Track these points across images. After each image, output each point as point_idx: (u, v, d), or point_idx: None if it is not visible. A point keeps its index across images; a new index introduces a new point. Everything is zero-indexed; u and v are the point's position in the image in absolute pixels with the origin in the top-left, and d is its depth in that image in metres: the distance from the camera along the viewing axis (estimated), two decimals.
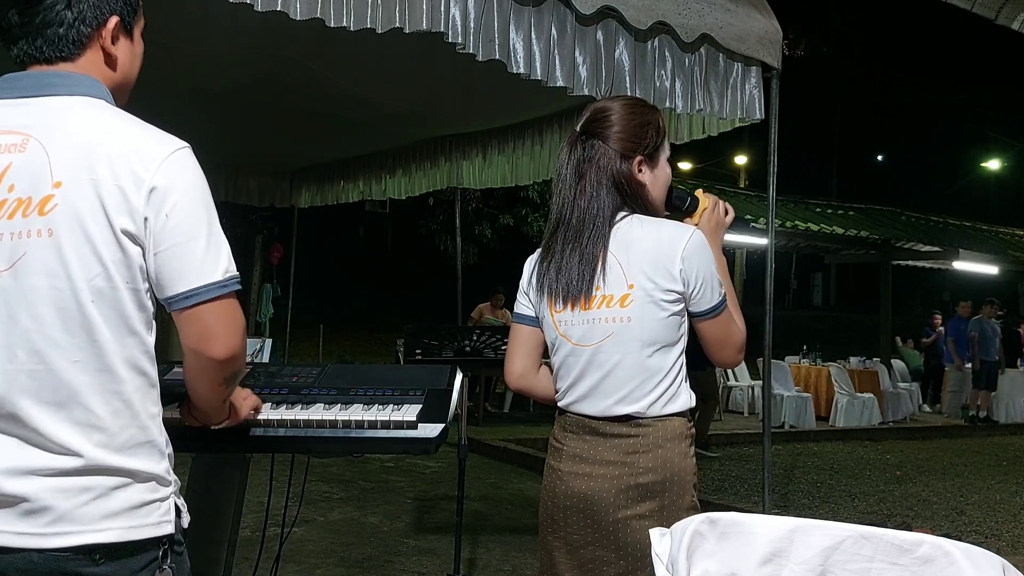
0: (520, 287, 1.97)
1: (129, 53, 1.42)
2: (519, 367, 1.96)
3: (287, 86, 4.86)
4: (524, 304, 1.95)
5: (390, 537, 4.90)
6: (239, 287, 1.35)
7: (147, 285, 1.31)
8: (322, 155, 7.10)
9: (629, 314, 1.78)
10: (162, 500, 1.31)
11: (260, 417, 1.75)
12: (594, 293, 1.80)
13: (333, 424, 1.76)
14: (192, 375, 1.39)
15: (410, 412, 1.79)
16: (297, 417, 1.76)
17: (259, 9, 2.66)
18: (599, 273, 1.80)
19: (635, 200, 1.85)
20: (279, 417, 1.76)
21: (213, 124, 5.37)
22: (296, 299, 8.93)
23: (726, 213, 2.01)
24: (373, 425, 1.76)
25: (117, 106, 1.38)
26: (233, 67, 4.55)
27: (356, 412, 1.79)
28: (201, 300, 1.30)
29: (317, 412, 1.78)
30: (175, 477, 1.37)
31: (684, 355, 1.85)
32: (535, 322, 1.93)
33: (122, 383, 1.28)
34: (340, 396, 1.88)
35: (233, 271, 1.34)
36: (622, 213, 1.83)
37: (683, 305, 1.81)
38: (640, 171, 1.86)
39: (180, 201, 1.28)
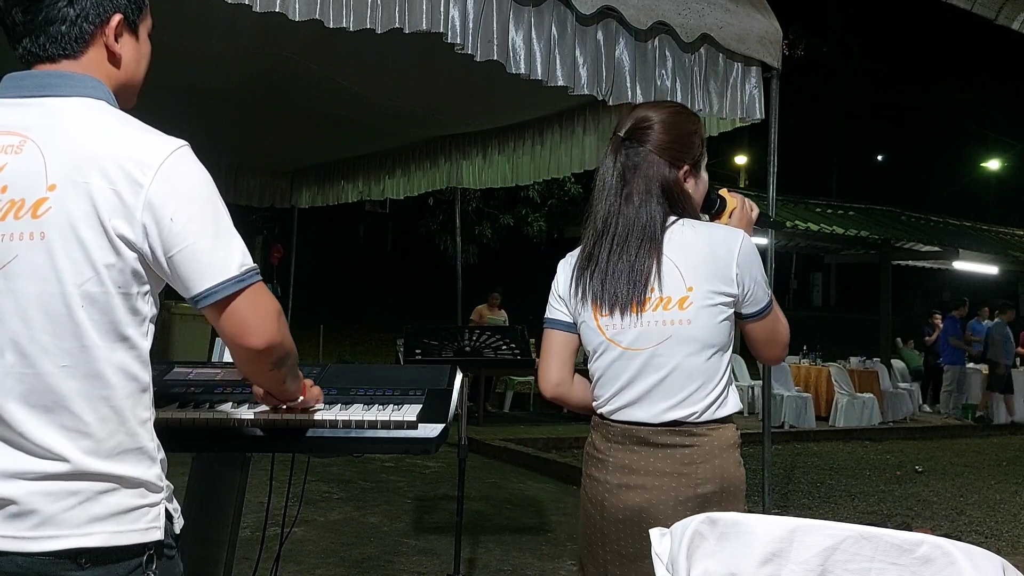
0: (553, 291, 1.92)
1: (135, 52, 1.41)
2: (556, 375, 1.92)
3: (287, 86, 4.86)
4: (559, 309, 1.91)
5: (390, 537, 4.90)
6: (259, 278, 1.34)
7: (146, 288, 1.29)
8: (322, 155, 7.11)
9: (689, 316, 1.76)
10: (152, 506, 1.30)
11: (260, 417, 1.75)
12: (649, 295, 1.77)
13: (333, 424, 1.76)
14: (241, 366, 1.41)
15: (410, 412, 1.78)
16: (297, 417, 1.76)
17: (258, 9, 2.66)
18: (653, 278, 1.77)
19: (683, 208, 1.84)
20: (279, 417, 1.76)
21: (213, 124, 5.38)
22: (296, 299, 8.94)
23: (751, 210, 2.02)
24: (373, 425, 1.76)
25: (123, 107, 1.37)
26: (233, 66, 4.55)
27: (356, 412, 1.78)
28: (222, 297, 1.29)
29: (317, 412, 1.78)
30: (167, 483, 1.36)
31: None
32: (571, 328, 1.89)
33: (111, 389, 1.26)
34: (340, 396, 1.88)
35: (249, 263, 1.32)
36: (671, 218, 1.82)
37: (734, 309, 1.81)
38: (687, 180, 1.86)
39: (181, 204, 1.27)
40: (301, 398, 1.63)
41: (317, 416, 1.77)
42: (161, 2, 1.57)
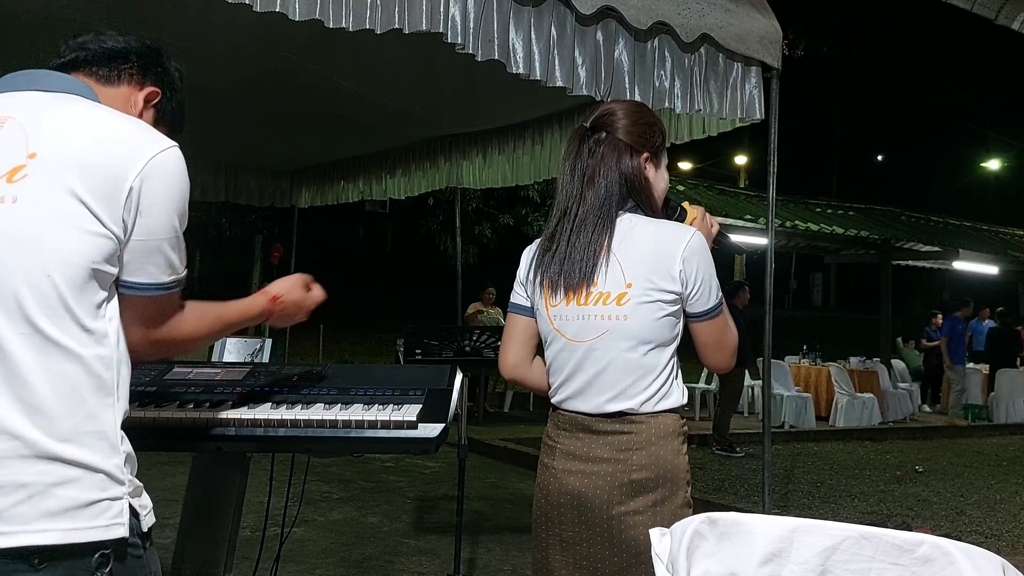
0: (517, 277, 1.97)
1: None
2: (513, 357, 1.97)
3: (287, 86, 4.86)
4: (520, 294, 1.96)
5: (390, 537, 4.90)
6: (181, 284, 1.38)
7: (115, 269, 1.27)
8: (322, 155, 7.10)
9: (625, 312, 1.79)
10: (113, 500, 1.22)
11: (260, 417, 1.75)
12: (591, 289, 1.81)
13: (333, 424, 1.76)
14: (132, 350, 1.34)
15: (410, 412, 1.79)
16: (297, 417, 1.76)
17: (258, 9, 2.66)
18: (600, 267, 1.81)
19: (641, 195, 1.87)
20: (279, 417, 1.76)
21: (213, 124, 5.37)
22: None
23: (711, 225, 2.03)
24: (373, 425, 1.76)
25: None
26: (233, 66, 4.55)
27: (356, 412, 1.79)
28: (147, 295, 1.31)
29: (317, 412, 1.78)
30: (131, 477, 1.28)
31: (677, 354, 1.86)
32: (530, 312, 1.94)
33: (72, 364, 1.21)
34: (340, 396, 1.88)
35: (180, 274, 1.36)
36: (626, 207, 1.85)
37: (679, 306, 1.82)
38: (646, 168, 1.89)
39: (157, 202, 1.28)
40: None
41: (317, 416, 1.77)
42: (161, 3, 1.58)
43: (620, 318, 1.79)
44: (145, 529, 1.29)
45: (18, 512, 1.15)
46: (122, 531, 1.22)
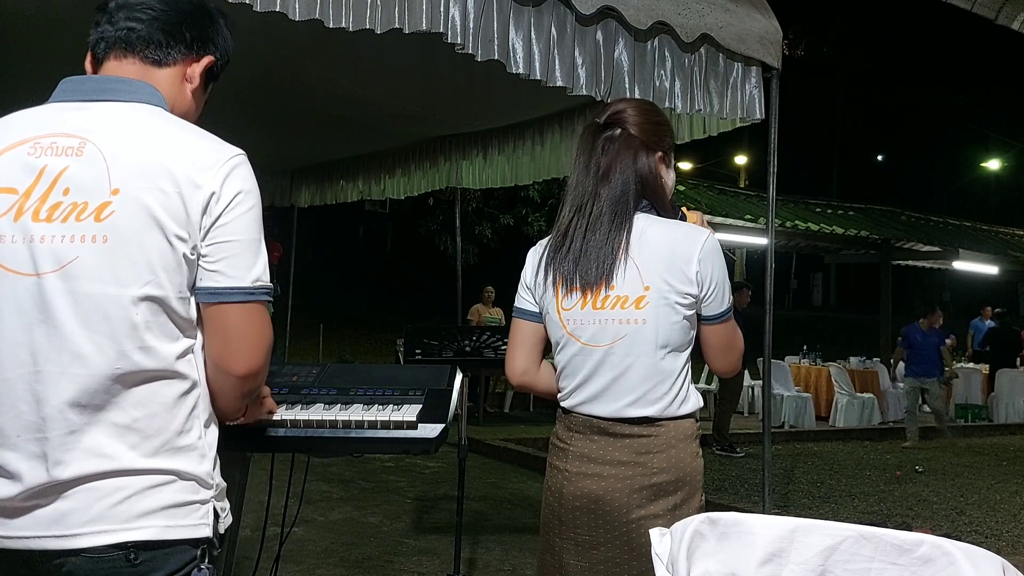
0: (522, 281, 1.94)
1: (199, 99, 1.52)
2: (521, 364, 1.94)
3: (287, 86, 4.85)
4: (526, 299, 1.93)
5: (390, 537, 4.90)
6: (269, 298, 1.36)
7: (192, 294, 1.32)
8: (322, 155, 7.10)
9: (644, 316, 1.76)
10: (202, 502, 1.31)
11: (260, 417, 1.75)
12: (608, 292, 1.78)
13: (333, 424, 1.76)
14: (213, 388, 1.38)
15: (410, 412, 1.78)
16: (297, 417, 1.76)
17: (258, 9, 2.66)
18: (617, 268, 1.78)
19: (655, 194, 1.85)
20: (279, 417, 1.76)
21: (212, 124, 5.35)
22: (296, 299, 8.93)
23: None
24: (373, 425, 1.76)
25: None
26: (233, 66, 4.54)
27: (356, 412, 1.78)
28: (225, 300, 1.31)
29: (317, 412, 1.78)
30: (219, 480, 1.36)
31: (690, 358, 1.85)
32: (537, 318, 1.91)
33: (164, 388, 1.28)
34: (340, 396, 1.88)
35: (265, 280, 1.35)
36: (640, 206, 1.83)
37: (695, 310, 1.80)
38: (659, 167, 1.88)
39: (233, 207, 1.30)
40: (239, 420, 1.61)
41: (317, 416, 1.77)
42: None
43: (639, 322, 1.77)
44: (222, 531, 1.37)
45: (116, 512, 1.23)
46: (207, 531, 1.32)
